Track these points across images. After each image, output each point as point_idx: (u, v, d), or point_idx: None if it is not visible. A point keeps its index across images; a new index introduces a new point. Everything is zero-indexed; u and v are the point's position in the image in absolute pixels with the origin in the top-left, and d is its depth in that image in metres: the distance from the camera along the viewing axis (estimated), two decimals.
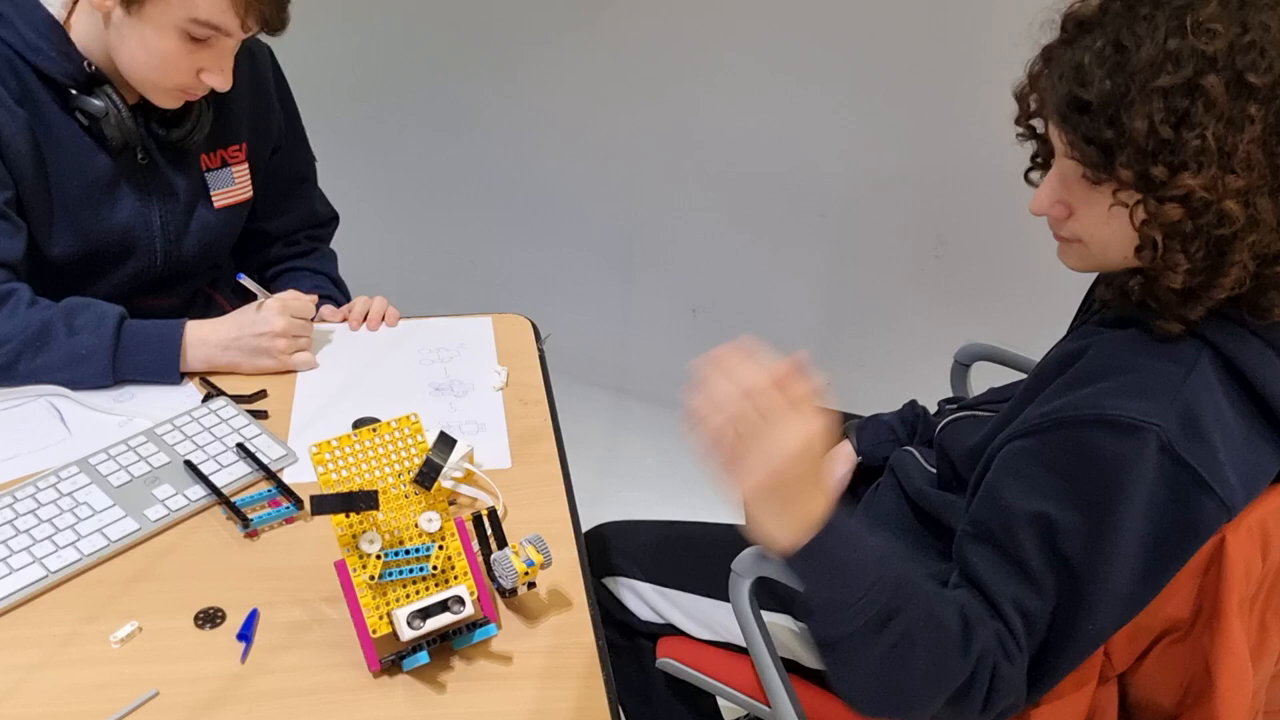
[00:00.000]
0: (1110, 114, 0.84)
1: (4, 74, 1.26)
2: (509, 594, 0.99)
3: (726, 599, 1.14)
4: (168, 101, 1.32)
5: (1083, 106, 0.85)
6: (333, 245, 1.71)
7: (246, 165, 1.49)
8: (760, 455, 0.82)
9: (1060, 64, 0.88)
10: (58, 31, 1.26)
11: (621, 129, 2.43)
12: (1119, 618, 0.89)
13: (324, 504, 0.90)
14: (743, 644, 1.10)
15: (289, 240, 1.67)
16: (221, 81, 1.28)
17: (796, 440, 0.81)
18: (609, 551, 1.31)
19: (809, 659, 1.17)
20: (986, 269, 2.26)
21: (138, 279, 1.44)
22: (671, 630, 1.27)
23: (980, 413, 1.14)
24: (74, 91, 1.29)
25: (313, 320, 1.38)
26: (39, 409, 1.24)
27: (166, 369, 1.29)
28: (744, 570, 1.11)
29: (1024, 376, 1.37)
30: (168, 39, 1.22)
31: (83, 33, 1.28)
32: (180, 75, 1.27)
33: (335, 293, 1.70)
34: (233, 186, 1.48)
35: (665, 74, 2.32)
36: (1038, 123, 0.96)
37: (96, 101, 1.29)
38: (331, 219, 1.71)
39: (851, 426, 1.42)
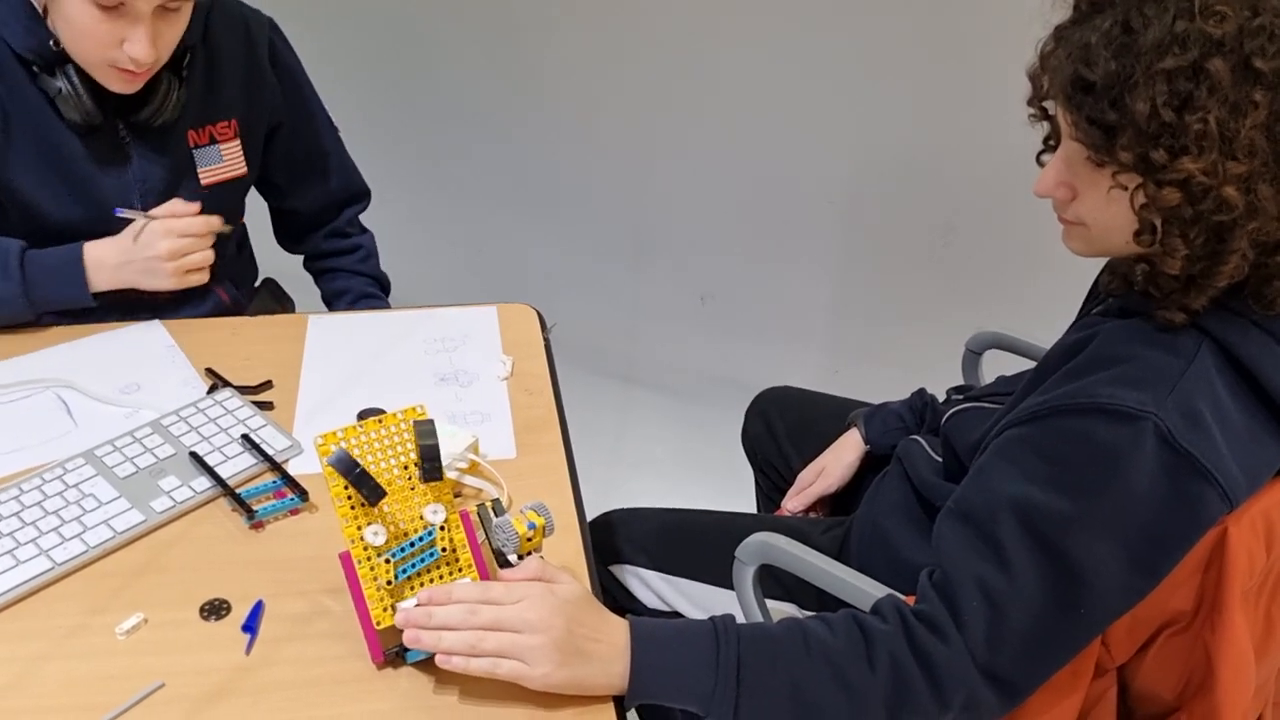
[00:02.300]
0: (1114, 95, 0.83)
1: None
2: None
3: (732, 587, 1.14)
4: (113, 83, 1.28)
5: (1087, 87, 0.84)
6: None
7: (238, 142, 1.46)
8: (524, 636, 0.86)
9: (1068, 43, 0.87)
10: (28, 8, 1.25)
11: (629, 117, 2.43)
12: (1115, 607, 0.89)
13: (341, 463, 0.89)
14: None
15: (331, 230, 1.66)
16: (141, 51, 1.22)
17: (546, 604, 0.88)
18: (615, 539, 1.31)
19: None
20: (995, 257, 2.25)
21: None
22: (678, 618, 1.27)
23: (987, 404, 1.14)
24: (36, 69, 1.28)
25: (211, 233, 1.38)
26: (45, 401, 1.24)
27: (77, 292, 1.33)
28: (748, 557, 1.11)
29: (1034, 366, 1.37)
30: (80, 7, 1.19)
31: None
32: (103, 48, 1.23)
33: (378, 292, 1.70)
34: (221, 164, 1.46)
35: (672, 62, 2.31)
36: (1050, 104, 0.95)
37: (56, 82, 1.28)
38: (362, 194, 1.69)
39: (859, 415, 1.42)
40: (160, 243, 1.32)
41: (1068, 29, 0.89)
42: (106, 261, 1.33)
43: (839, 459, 1.41)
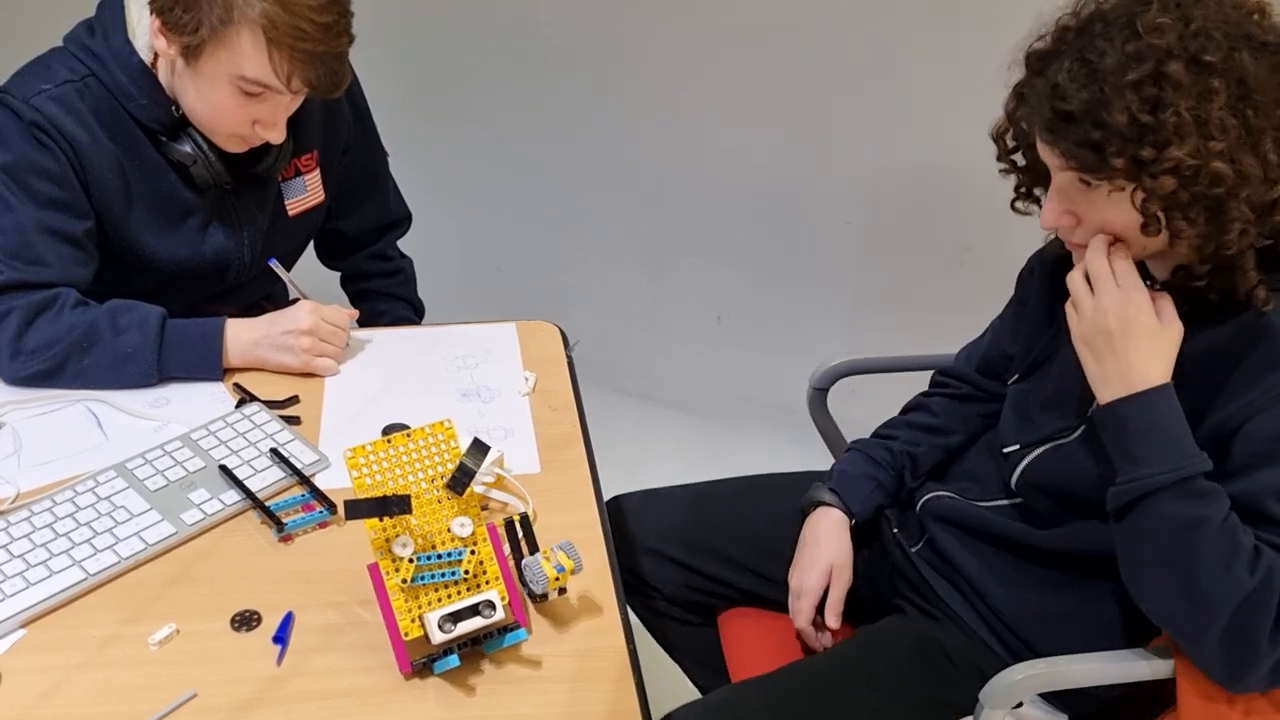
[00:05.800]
0: (1094, 117, 0.93)
1: (102, 110, 1.29)
2: (539, 599, 1.00)
3: None
4: (230, 146, 1.34)
5: (1068, 117, 0.95)
6: None
7: (318, 171, 1.51)
8: (1133, 334, 0.98)
9: (1035, 92, 0.98)
10: (148, 78, 1.29)
11: (647, 135, 2.45)
12: None
13: (357, 509, 0.91)
14: None
15: (373, 253, 1.69)
16: (275, 136, 1.31)
17: (1151, 325, 0.99)
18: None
19: None
20: (1013, 276, 2.25)
21: (212, 291, 1.48)
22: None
23: (1059, 441, 1.13)
24: (164, 139, 1.32)
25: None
26: (76, 414, 1.26)
27: (209, 366, 1.32)
28: (1005, 697, 1.06)
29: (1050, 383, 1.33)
30: (221, 91, 1.24)
31: (166, 76, 1.30)
32: (234, 125, 1.29)
33: (413, 317, 1.74)
34: (305, 194, 1.51)
35: (691, 79, 2.33)
36: (1018, 157, 1.08)
37: (185, 148, 1.32)
38: (404, 219, 1.72)
39: (821, 492, 1.30)
40: (305, 319, 1.34)
41: (1028, 82, 1.01)
42: (243, 338, 1.33)
43: (839, 548, 1.27)
